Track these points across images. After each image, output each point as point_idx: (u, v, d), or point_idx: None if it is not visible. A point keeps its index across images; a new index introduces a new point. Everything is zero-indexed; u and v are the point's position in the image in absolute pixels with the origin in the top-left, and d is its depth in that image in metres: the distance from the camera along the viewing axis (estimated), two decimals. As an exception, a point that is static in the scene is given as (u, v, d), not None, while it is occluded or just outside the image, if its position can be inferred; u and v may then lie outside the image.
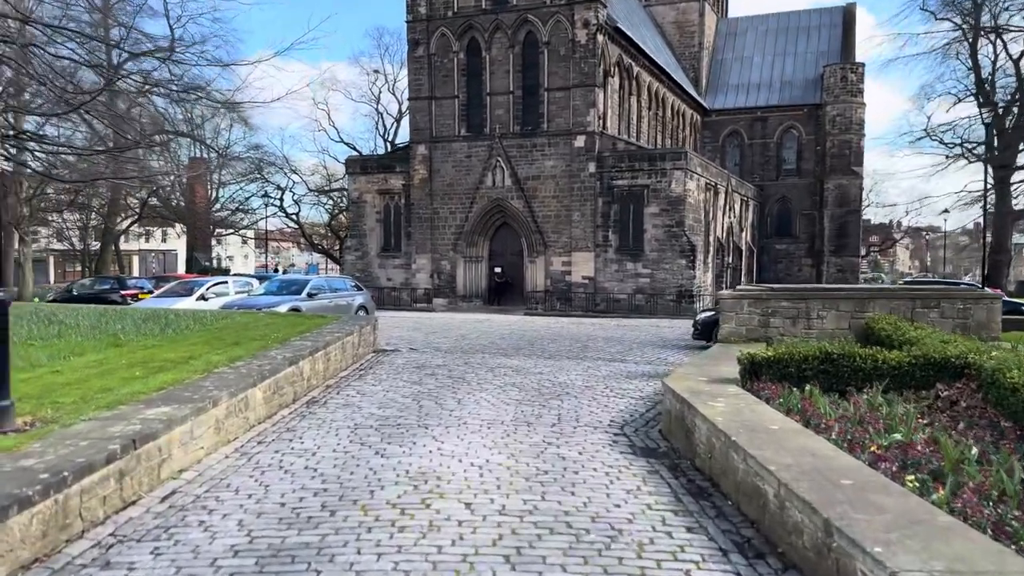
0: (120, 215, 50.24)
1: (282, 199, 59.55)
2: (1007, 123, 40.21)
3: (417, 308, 36.68)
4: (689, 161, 35.27)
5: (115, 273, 47.00)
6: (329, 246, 66.57)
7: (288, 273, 60.22)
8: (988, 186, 34.82)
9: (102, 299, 25.82)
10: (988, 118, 32.86)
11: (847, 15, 58.31)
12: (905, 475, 5.55)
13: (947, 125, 45.48)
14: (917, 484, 5.34)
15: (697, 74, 57.13)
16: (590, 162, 35.37)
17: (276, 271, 66.55)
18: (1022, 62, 39.98)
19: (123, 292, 28.31)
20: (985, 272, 37.40)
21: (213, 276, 31.58)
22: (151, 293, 26.51)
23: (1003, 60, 41.19)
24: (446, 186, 37.76)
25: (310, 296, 20.76)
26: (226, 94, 21.32)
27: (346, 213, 50.14)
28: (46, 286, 46.91)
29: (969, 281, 50.93)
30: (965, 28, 41.39)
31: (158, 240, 70.99)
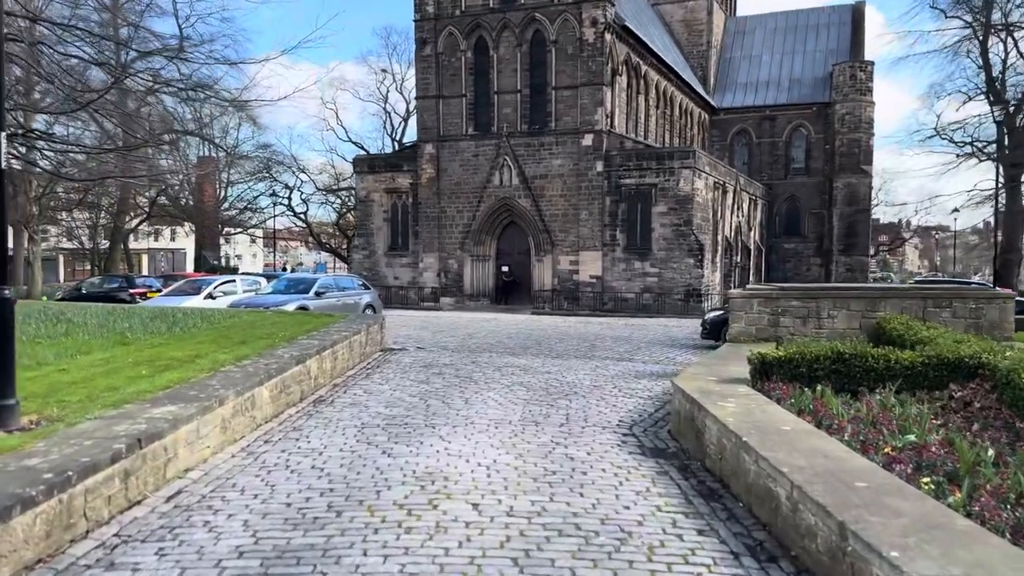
0: (129, 214, 50.47)
1: (290, 198, 59.82)
2: (1018, 121, 39.79)
3: (424, 307, 36.66)
4: (697, 160, 35.11)
5: (124, 272, 47.22)
6: (337, 245, 66.75)
7: (296, 272, 60.40)
8: (999, 185, 34.51)
9: (111, 297, 25.89)
10: (999, 116, 32.61)
11: (856, 13, 57.97)
12: (920, 477, 5.45)
13: (957, 124, 45.04)
14: (933, 486, 5.24)
15: (705, 73, 56.92)
16: (598, 161, 35.24)
17: (284, 270, 66.81)
18: (1033, 60, 39.61)
19: (131, 290, 28.42)
20: (996, 271, 37.10)
21: (221, 275, 31.66)
22: (159, 291, 26.57)
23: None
24: (453, 185, 37.71)
25: (318, 295, 20.75)
26: (234, 93, 21.37)
27: (354, 212, 50.19)
28: (55, 285, 47.09)
29: (979, 281, 50.60)
30: (975, 26, 41.01)
31: (167, 239, 71.23)
